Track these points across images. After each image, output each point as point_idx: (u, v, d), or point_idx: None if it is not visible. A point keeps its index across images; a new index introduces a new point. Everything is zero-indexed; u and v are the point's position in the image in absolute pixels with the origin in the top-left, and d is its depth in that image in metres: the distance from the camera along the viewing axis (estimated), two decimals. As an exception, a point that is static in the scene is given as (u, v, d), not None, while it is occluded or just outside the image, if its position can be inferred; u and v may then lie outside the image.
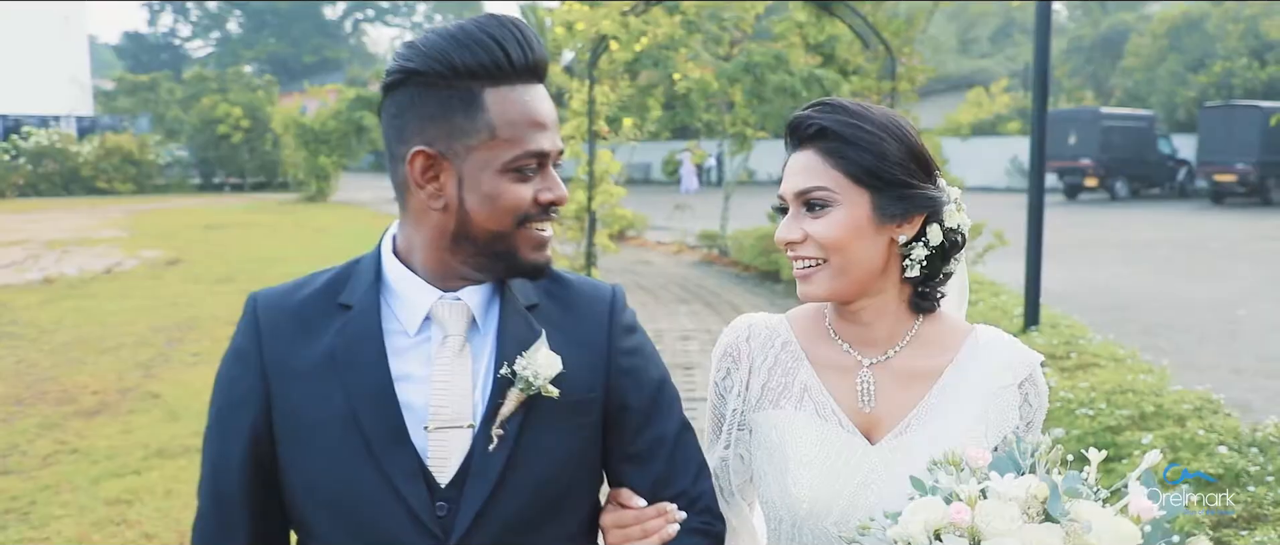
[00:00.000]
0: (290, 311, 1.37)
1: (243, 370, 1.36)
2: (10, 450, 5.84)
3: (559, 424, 1.35)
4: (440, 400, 1.31)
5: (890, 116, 1.44)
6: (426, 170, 1.29)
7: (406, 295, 1.35)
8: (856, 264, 1.41)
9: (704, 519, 1.45)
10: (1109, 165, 28.41)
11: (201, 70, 40.80)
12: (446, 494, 1.30)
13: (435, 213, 1.31)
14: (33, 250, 16.10)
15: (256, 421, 1.34)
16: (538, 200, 1.31)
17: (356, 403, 1.30)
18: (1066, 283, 12.46)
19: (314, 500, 1.34)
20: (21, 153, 30.60)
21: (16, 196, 29.15)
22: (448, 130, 1.27)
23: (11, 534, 4.60)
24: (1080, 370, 4.85)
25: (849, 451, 1.43)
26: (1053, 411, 4.40)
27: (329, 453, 1.31)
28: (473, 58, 1.25)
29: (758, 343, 1.55)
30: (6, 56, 32.67)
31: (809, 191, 1.41)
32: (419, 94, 1.28)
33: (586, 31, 8.65)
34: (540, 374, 1.31)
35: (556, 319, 1.40)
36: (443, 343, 1.33)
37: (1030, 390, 1.46)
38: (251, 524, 1.37)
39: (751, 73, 13.57)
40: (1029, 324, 5.81)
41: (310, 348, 1.34)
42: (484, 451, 1.30)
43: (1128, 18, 43.88)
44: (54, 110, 35.24)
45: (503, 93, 1.27)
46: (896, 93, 9.15)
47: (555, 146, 1.33)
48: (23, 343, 8.91)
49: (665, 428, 1.45)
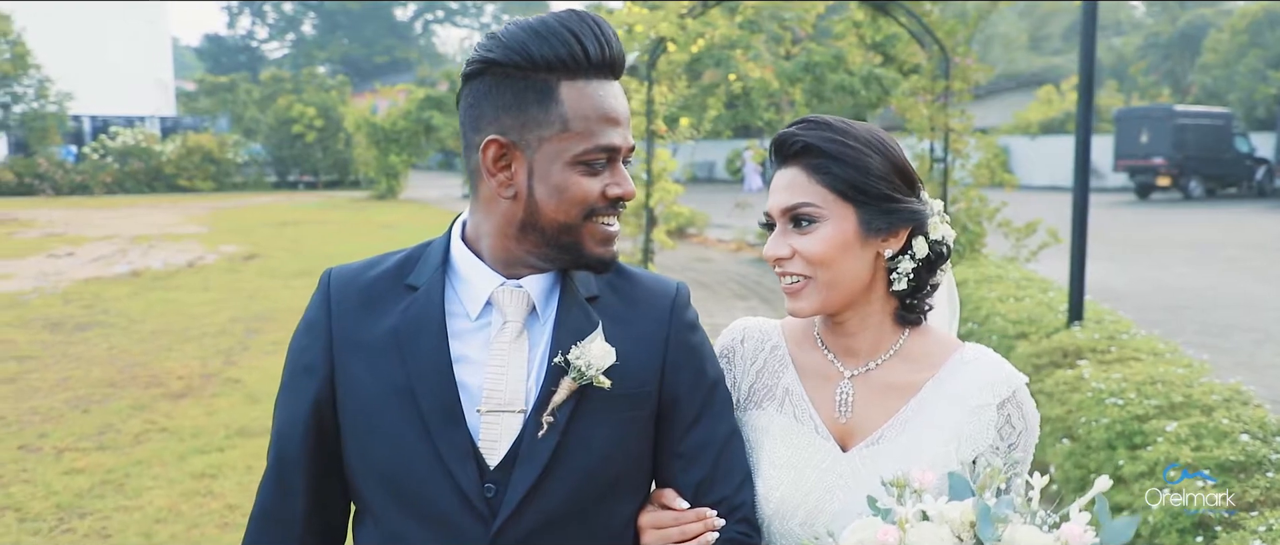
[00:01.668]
0: (360, 288, 1.41)
1: (311, 340, 1.41)
2: (106, 429, 6.29)
3: (610, 415, 1.36)
4: (494, 384, 1.33)
5: (873, 132, 1.46)
6: (499, 159, 1.31)
7: (471, 280, 1.38)
8: (844, 278, 1.44)
9: (742, 529, 1.45)
10: (1182, 164, 27.75)
11: (277, 71, 41.93)
12: (495, 476, 1.33)
13: (505, 201, 1.33)
14: (120, 245, 16.90)
15: (320, 390, 1.39)
16: (606, 194, 1.33)
17: (415, 381, 1.33)
18: (1128, 282, 12.37)
19: (369, 471, 1.38)
20: (109, 152, 31.95)
21: (104, 193, 30.43)
22: (522, 121, 1.29)
23: (109, 503, 5.02)
24: (1118, 363, 4.95)
25: (819, 457, 1.46)
26: (1083, 401, 4.53)
27: (386, 427, 1.34)
28: (550, 50, 1.27)
29: (750, 345, 1.59)
30: (96, 60, 34.08)
31: (795, 208, 1.43)
32: (496, 84, 1.31)
33: (644, 34, 8.91)
34: (593, 364, 1.32)
35: (617, 311, 1.41)
36: (501, 328, 1.36)
37: (1012, 411, 1.45)
38: (310, 488, 1.41)
39: (811, 72, 13.73)
40: (1073, 319, 5.90)
41: (376, 324, 1.37)
42: (533, 437, 1.32)
43: (1207, 13, 42.71)
44: (139, 111, 36.72)
45: (578, 86, 1.29)
46: (950, 92, 9.23)
47: (627, 143, 1.35)
48: (114, 331, 9.46)
49: (715, 430, 1.45)
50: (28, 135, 32.67)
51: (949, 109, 9.26)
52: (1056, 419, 4.79)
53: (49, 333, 9.34)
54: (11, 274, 13.31)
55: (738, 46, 13.26)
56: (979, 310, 7.12)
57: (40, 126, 32.15)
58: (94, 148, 32.37)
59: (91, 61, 33.57)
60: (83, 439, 6.06)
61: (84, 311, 10.49)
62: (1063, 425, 4.70)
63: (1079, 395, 4.63)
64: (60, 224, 20.66)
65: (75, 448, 5.88)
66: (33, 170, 30.68)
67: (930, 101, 9.35)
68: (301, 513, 1.41)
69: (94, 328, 9.61)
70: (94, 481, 5.31)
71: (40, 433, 6.19)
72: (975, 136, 9.63)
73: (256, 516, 1.44)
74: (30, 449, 5.87)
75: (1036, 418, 1.49)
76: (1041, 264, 9.51)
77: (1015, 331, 6.15)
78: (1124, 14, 53.43)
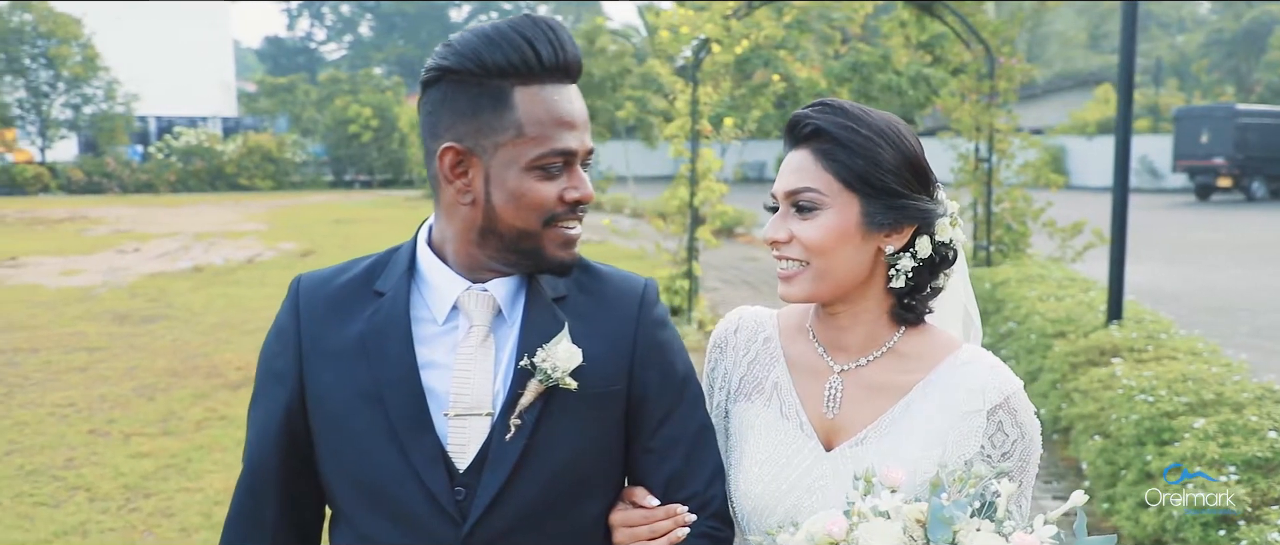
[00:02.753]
0: (329, 294, 1.41)
1: (281, 347, 1.41)
2: (169, 415, 6.60)
3: (579, 415, 1.36)
4: (460, 388, 1.34)
5: (891, 123, 1.40)
6: (456, 166, 1.31)
7: (436, 284, 1.38)
8: (839, 270, 1.39)
9: (713, 524, 1.44)
10: (1244, 165, 27.14)
11: (335, 72, 42.68)
12: (465, 479, 1.33)
13: (464, 207, 1.33)
14: (183, 241, 17.45)
15: (291, 397, 1.39)
16: (563, 199, 1.32)
17: (383, 386, 1.33)
18: (1180, 283, 12.23)
19: (341, 476, 1.38)
20: (173, 151, 32.91)
21: (169, 192, 31.32)
22: (477, 127, 1.29)
23: (172, 484, 5.29)
24: (1154, 362, 4.97)
25: (801, 455, 1.43)
26: (1114, 398, 4.57)
27: (355, 433, 1.35)
28: (503, 56, 1.27)
29: (743, 336, 1.55)
30: (162, 62, 35.05)
31: (799, 192, 1.39)
32: (452, 91, 1.30)
33: (689, 35, 9.03)
34: (559, 366, 1.32)
35: (585, 310, 1.41)
36: (468, 332, 1.36)
37: (1004, 418, 1.38)
38: (283, 493, 1.42)
39: (858, 72, 13.76)
40: (1111, 318, 5.91)
41: (344, 330, 1.38)
42: (501, 440, 1.33)
43: (1273, 9, 41.65)
44: (202, 112, 37.73)
45: (532, 91, 1.29)
46: (995, 92, 9.22)
47: (583, 146, 1.34)
48: (177, 323, 9.84)
49: (686, 426, 1.45)
50: (97, 135, 33.80)
51: (993, 109, 9.24)
52: (1089, 416, 4.83)
53: (116, 325, 9.74)
54: (82, 269, 13.85)
55: (785, 47, 13.34)
56: (1019, 309, 7.14)
57: (108, 127, 33.23)
58: (159, 147, 33.41)
59: (157, 64, 34.52)
60: (148, 425, 6.36)
61: (149, 305, 10.91)
62: (1095, 422, 4.74)
63: (1111, 392, 4.67)
64: (127, 221, 21.37)
65: (141, 433, 6.18)
66: (101, 169, 31.73)
67: (975, 101, 9.34)
68: (275, 517, 1.42)
69: (159, 320, 10.00)
70: (158, 464, 5.59)
71: (109, 418, 6.51)
72: (1020, 136, 9.59)
73: (231, 521, 1.44)
74: (99, 433, 6.19)
75: (1035, 426, 1.41)
76: (1087, 265, 9.46)
77: (1053, 330, 6.18)
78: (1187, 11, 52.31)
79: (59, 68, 32.50)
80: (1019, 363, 6.58)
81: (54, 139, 33.36)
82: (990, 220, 9.57)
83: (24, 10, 32.30)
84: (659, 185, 12.32)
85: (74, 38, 32.50)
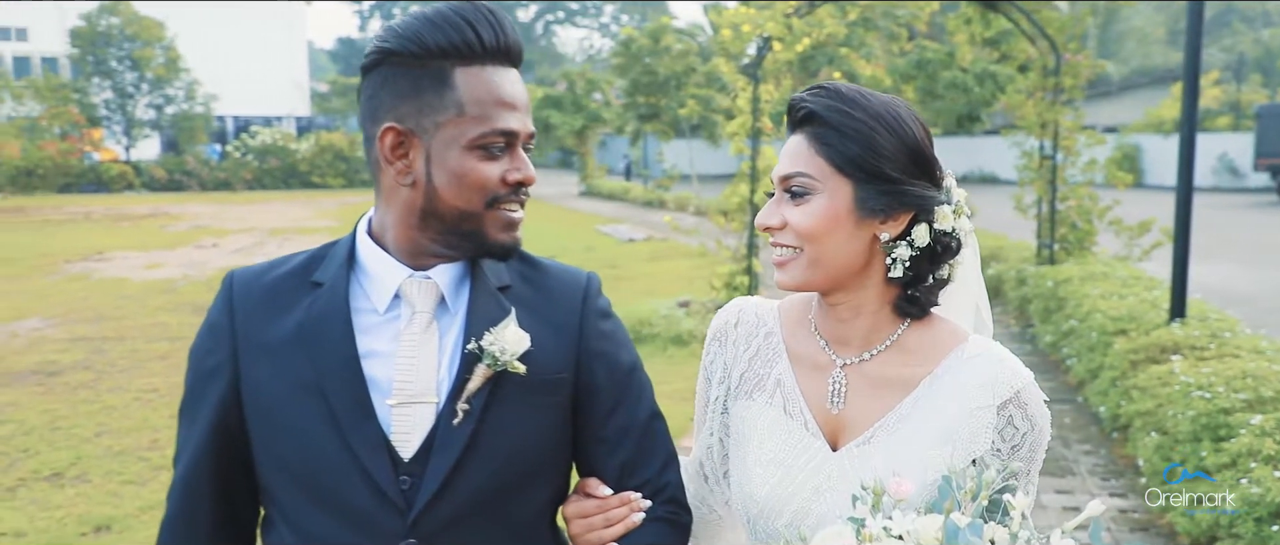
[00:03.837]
0: (264, 288, 1.39)
1: (216, 343, 1.38)
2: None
3: (526, 402, 1.35)
4: (405, 376, 1.32)
5: (891, 107, 1.35)
6: (396, 146, 1.31)
7: (377, 273, 1.36)
8: (832, 257, 1.35)
9: (669, 508, 1.44)
10: (1330, 163, 26.23)
11: (405, 73, 43.43)
12: (410, 468, 1.31)
13: (405, 189, 1.33)
14: (258, 237, 18.02)
15: (226, 393, 1.36)
16: (506, 180, 1.32)
17: (323, 377, 1.31)
18: (1254, 284, 11.94)
19: (281, 471, 1.35)
20: (250, 150, 33.93)
21: (244, 189, 32.29)
22: (418, 107, 1.29)
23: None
24: (1215, 359, 4.93)
25: (808, 455, 1.39)
26: (1171, 394, 4.56)
27: (295, 426, 1.32)
28: (444, 37, 1.28)
29: (744, 330, 1.51)
30: (239, 63, 36.16)
31: (791, 177, 1.35)
32: (393, 74, 1.31)
33: (751, 33, 9.10)
34: (507, 350, 1.31)
35: (529, 300, 1.40)
36: (411, 319, 1.34)
37: (1015, 412, 1.34)
38: (218, 492, 1.39)
39: (923, 70, 13.68)
40: (1174, 316, 5.86)
41: (280, 323, 1.35)
42: (448, 426, 1.31)
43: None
44: (277, 111, 38.83)
45: (473, 72, 1.30)
46: (1059, 88, 9.12)
47: (525, 128, 1.34)
48: (253, 315, 10.21)
49: (634, 414, 1.44)
50: (178, 135, 35.06)
51: (1058, 105, 9.15)
52: (1146, 413, 4.82)
53: (196, 316, 10.14)
54: (163, 263, 14.42)
55: (849, 44, 13.32)
56: (1081, 307, 7.09)
57: (189, 127, 34.42)
58: (236, 146, 34.47)
59: (235, 65, 35.66)
60: (226, 410, 6.65)
61: (227, 297, 11.32)
62: (1152, 419, 4.72)
63: (1168, 389, 4.66)
64: (206, 217, 22.13)
65: (219, 417, 6.47)
66: (181, 167, 32.88)
67: (1040, 98, 9.25)
68: (210, 517, 1.40)
69: (236, 312, 10.37)
70: (236, 447, 5.85)
71: (189, 403, 6.82)
72: (1086, 134, 9.46)
73: (167, 523, 1.41)
74: (181, 417, 6.49)
75: (1045, 419, 1.36)
76: (1156, 264, 9.30)
77: (1114, 328, 6.13)
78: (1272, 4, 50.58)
79: (143, 69, 33.76)
80: (1079, 361, 6.55)
81: (138, 138, 34.67)
82: (1054, 218, 9.46)
83: (111, 14, 33.59)
84: (722, 183, 12.38)
85: (157, 40, 33.74)
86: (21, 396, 7.11)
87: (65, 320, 10.18)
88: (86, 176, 31.62)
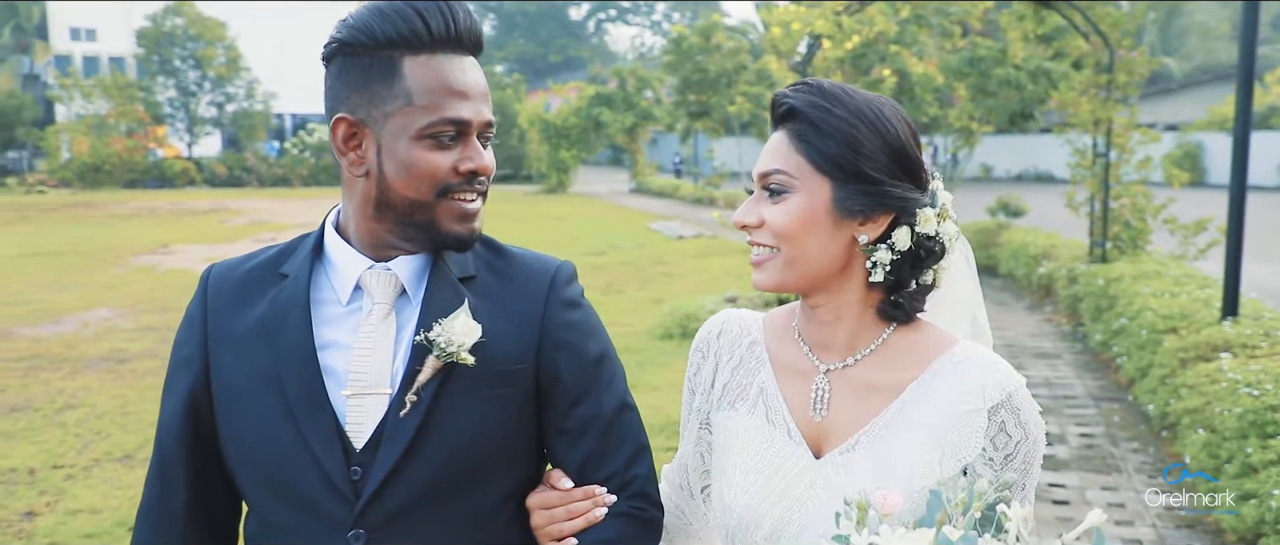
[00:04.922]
0: (236, 281, 1.42)
1: (188, 335, 1.41)
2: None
3: (479, 393, 1.34)
4: (360, 366, 1.32)
5: (874, 105, 1.31)
6: (349, 137, 1.32)
7: (340, 265, 1.37)
8: (809, 257, 1.31)
9: (635, 503, 1.41)
10: (1401, 162, 25.45)
11: (458, 71, 43.92)
12: (361, 458, 1.31)
13: (360, 180, 1.33)
14: (316, 232, 18.39)
15: (195, 385, 1.38)
16: (458, 169, 1.31)
17: (281, 368, 1.33)
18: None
19: (244, 462, 1.37)
20: (307, 147, 34.63)
21: (301, 185, 32.96)
22: (368, 98, 1.30)
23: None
24: (1266, 357, 4.91)
25: (790, 463, 1.35)
26: (1219, 392, 4.55)
27: (255, 416, 1.34)
28: (392, 27, 1.28)
29: (727, 340, 1.49)
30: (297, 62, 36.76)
31: (769, 174, 1.32)
32: (346, 65, 1.31)
33: (801, 31, 9.15)
34: (454, 341, 1.30)
35: (493, 290, 1.40)
36: (370, 311, 1.35)
37: (1007, 418, 1.28)
38: (192, 482, 1.40)
39: (976, 67, 13.57)
40: (1226, 314, 5.82)
41: (246, 315, 1.38)
42: (397, 417, 1.31)
43: None
44: (334, 109, 39.41)
45: (422, 61, 1.29)
46: (1113, 85, 9.03)
47: (479, 117, 1.32)
48: (311, 307, 10.48)
49: (600, 405, 1.42)
50: (238, 132, 35.89)
51: (1111, 103, 9.06)
52: (1194, 410, 4.81)
53: (257, 307, 10.45)
54: (224, 256, 14.78)
55: (900, 42, 13.27)
56: (1131, 305, 7.05)
57: (248, 124, 35.24)
58: (294, 143, 35.21)
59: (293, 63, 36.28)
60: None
61: (286, 290, 11.62)
62: (1200, 417, 4.72)
63: (1216, 386, 4.64)
64: (264, 213, 22.67)
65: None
66: (241, 164, 33.69)
67: (1093, 96, 9.17)
68: (185, 506, 1.41)
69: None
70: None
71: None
72: (1141, 131, 9.36)
73: (142, 513, 1.43)
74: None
75: (1039, 426, 1.31)
76: (1212, 263, 9.17)
77: (1165, 326, 6.10)
78: (1343, -1, 49.11)
79: (205, 68, 34.65)
80: (1129, 359, 6.52)
81: (200, 135, 35.58)
82: (1107, 216, 9.38)
83: (176, 14, 34.49)
84: (771, 180, 12.37)
85: (219, 40, 34.60)
86: (93, 382, 7.42)
87: (133, 310, 10.56)
88: (151, 172, 32.57)
